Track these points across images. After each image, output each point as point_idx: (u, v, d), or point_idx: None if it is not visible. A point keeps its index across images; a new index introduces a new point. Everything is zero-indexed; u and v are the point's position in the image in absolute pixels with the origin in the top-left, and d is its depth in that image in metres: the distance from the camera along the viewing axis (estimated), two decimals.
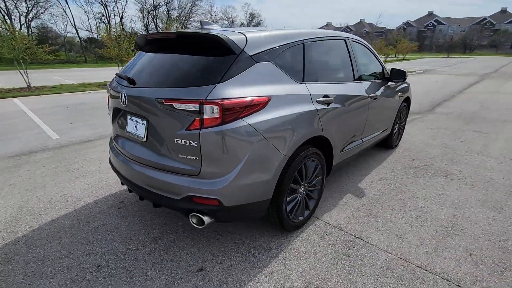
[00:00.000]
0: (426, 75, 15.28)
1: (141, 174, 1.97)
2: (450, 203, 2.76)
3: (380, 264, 1.99)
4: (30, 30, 34.10)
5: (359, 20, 77.96)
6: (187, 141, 1.70)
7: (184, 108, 1.67)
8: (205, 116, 1.64)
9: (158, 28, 40.96)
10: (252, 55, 1.84)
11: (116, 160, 2.26)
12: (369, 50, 3.31)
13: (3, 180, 3.21)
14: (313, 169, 2.33)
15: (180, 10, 43.53)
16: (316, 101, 2.18)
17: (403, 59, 32.72)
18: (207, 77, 1.71)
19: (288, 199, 2.13)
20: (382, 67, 3.47)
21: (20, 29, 30.66)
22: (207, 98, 1.63)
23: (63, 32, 39.15)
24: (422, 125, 5.55)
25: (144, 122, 1.92)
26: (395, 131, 4.16)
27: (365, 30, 67.71)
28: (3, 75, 13.56)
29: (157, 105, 1.76)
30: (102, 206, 2.69)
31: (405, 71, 3.40)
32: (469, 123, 5.66)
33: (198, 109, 1.63)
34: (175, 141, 1.75)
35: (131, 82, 1.95)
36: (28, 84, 10.42)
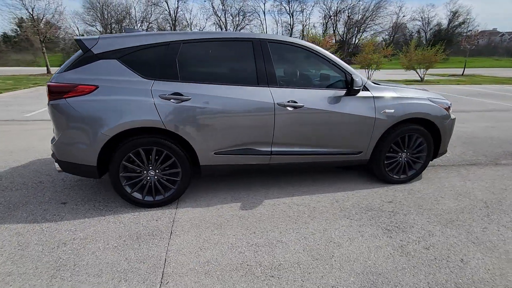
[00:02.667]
0: None
1: None
2: (320, 253, 2.09)
3: (138, 258, 2.05)
4: None
5: None
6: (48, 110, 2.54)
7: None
8: (48, 94, 2.40)
9: (336, 32, 42.13)
10: (97, 53, 2.40)
11: None
12: (317, 55, 2.77)
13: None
14: (163, 159, 2.54)
15: (363, 13, 42.60)
16: (159, 96, 2.40)
17: None
18: (65, 67, 2.45)
19: (123, 174, 2.53)
20: (345, 75, 2.79)
21: None
22: (50, 81, 2.39)
23: None
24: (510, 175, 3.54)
25: None
26: (395, 160, 3.13)
27: None
28: None
29: None
30: None
31: (348, 79, 2.62)
32: None
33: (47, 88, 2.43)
34: None
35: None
36: None
